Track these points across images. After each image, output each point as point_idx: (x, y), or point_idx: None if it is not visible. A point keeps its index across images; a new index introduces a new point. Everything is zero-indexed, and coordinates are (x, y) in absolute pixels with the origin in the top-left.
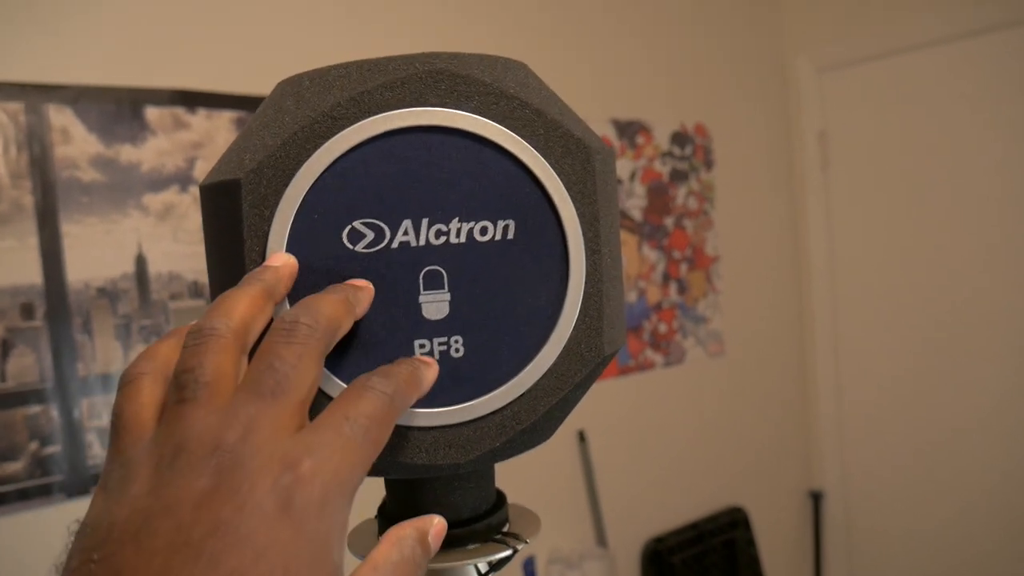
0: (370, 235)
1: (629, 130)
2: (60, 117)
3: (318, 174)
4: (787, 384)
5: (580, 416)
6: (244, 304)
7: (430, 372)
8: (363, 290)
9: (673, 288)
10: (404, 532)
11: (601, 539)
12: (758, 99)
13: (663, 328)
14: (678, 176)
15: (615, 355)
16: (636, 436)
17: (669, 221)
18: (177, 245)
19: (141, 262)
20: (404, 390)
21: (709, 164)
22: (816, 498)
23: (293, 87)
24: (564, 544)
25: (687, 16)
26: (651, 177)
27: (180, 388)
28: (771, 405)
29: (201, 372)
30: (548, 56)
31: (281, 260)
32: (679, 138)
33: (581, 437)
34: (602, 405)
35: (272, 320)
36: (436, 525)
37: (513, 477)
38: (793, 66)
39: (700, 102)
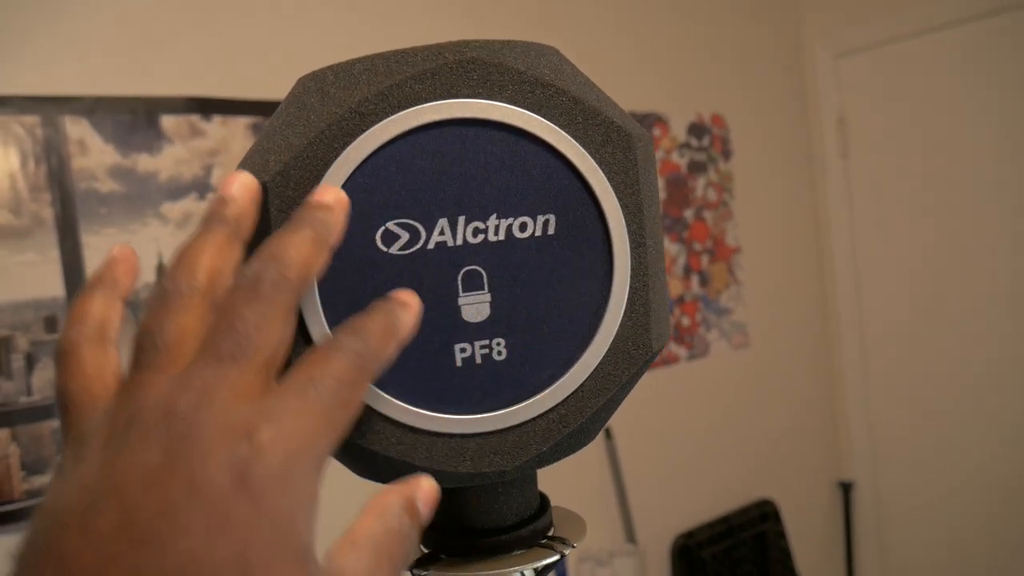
0: (405, 236)
1: (645, 122)
2: (76, 129)
3: (348, 174)
4: (814, 374)
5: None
6: (209, 255)
7: (408, 315)
8: (333, 212)
9: (695, 280)
10: (388, 500)
11: (630, 536)
12: (775, 87)
13: (686, 321)
14: (696, 167)
15: (662, 350)
16: (662, 431)
17: (689, 213)
18: None
19: (162, 271)
20: (378, 345)
21: (727, 154)
22: (846, 488)
23: (316, 83)
24: (594, 542)
25: (701, 5)
26: (669, 169)
27: (138, 352)
28: (798, 395)
29: (160, 336)
30: (560, 50)
31: (237, 183)
32: (696, 129)
33: (607, 434)
34: (627, 401)
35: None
36: (425, 489)
37: (541, 477)
38: (810, 52)
39: (716, 92)
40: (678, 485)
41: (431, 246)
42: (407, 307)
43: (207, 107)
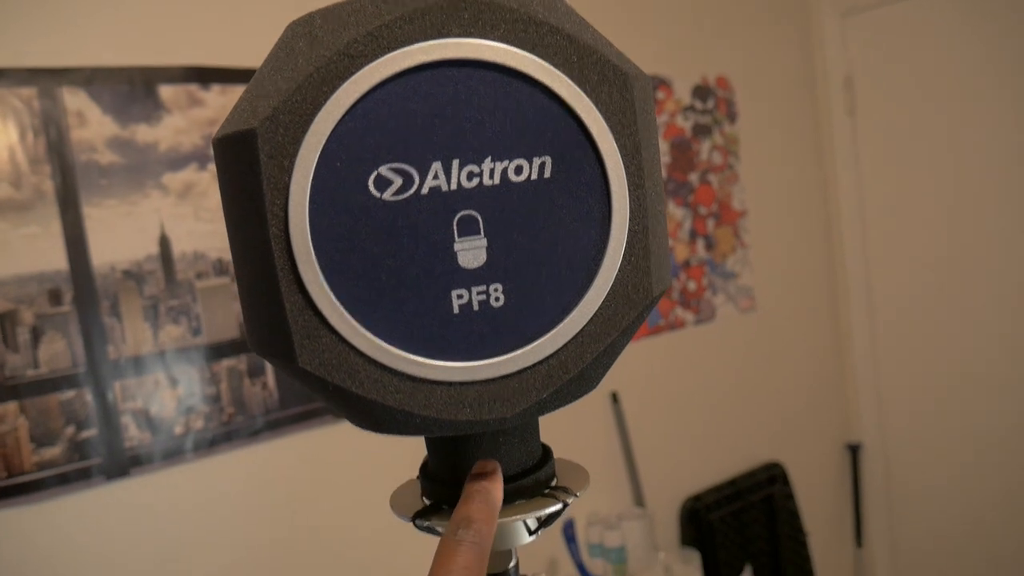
0: (398, 181)
1: None
2: (74, 100)
3: (338, 118)
4: (821, 337)
5: (613, 377)
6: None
7: (497, 486)
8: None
9: (701, 245)
10: None
11: (639, 499)
12: (780, 47)
13: (692, 286)
14: (701, 131)
15: (663, 296)
16: (670, 395)
17: (694, 177)
18: (199, 224)
19: (164, 242)
20: (486, 528)
21: (732, 117)
22: (854, 450)
23: (304, 27)
24: (602, 506)
25: None
26: (673, 133)
27: None
28: (805, 359)
29: None
30: None
31: None
32: (700, 91)
33: (614, 398)
34: (634, 365)
35: None
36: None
37: (548, 441)
38: (816, 11)
39: (721, 54)
40: (686, 449)
41: (425, 191)
42: (494, 478)
43: (205, 76)
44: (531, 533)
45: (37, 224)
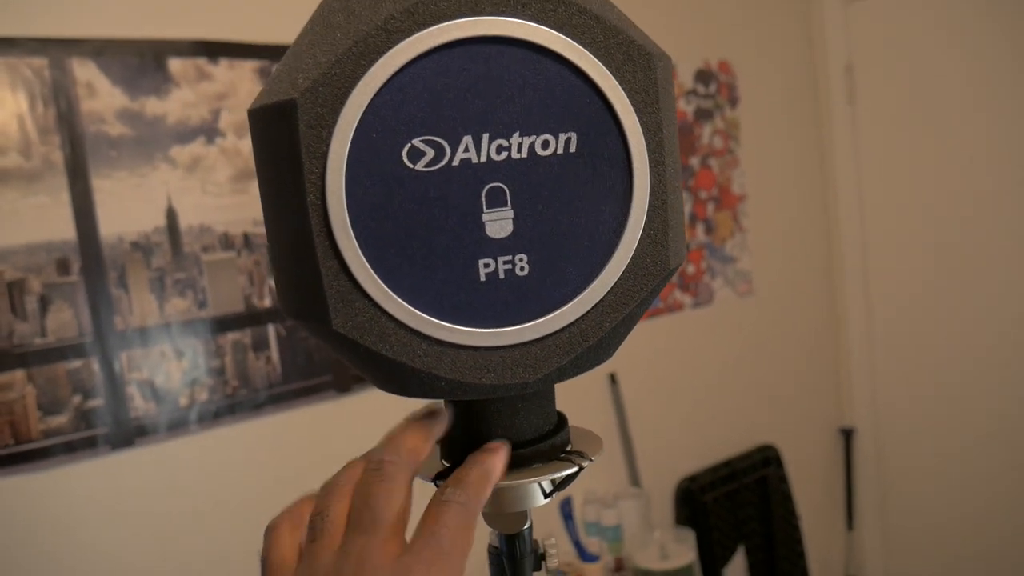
0: (430, 153)
1: None
2: (84, 71)
3: (375, 90)
4: (817, 322)
5: (611, 359)
6: (359, 466)
7: (498, 459)
8: (438, 417)
9: (700, 229)
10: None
11: (635, 479)
12: (783, 33)
13: (691, 269)
14: (703, 115)
15: (679, 268)
16: (667, 377)
17: (695, 161)
18: (206, 197)
19: (172, 215)
20: (478, 492)
21: (734, 102)
22: (847, 434)
23: (341, 2)
24: (599, 485)
25: None
26: None
27: (311, 530)
28: (801, 343)
29: (327, 516)
30: None
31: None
32: (703, 76)
33: (612, 379)
34: (632, 347)
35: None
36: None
37: None
38: None
39: (723, 38)
40: (682, 430)
41: (456, 163)
42: (496, 453)
43: (214, 50)
44: (546, 496)
45: (46, 194)
